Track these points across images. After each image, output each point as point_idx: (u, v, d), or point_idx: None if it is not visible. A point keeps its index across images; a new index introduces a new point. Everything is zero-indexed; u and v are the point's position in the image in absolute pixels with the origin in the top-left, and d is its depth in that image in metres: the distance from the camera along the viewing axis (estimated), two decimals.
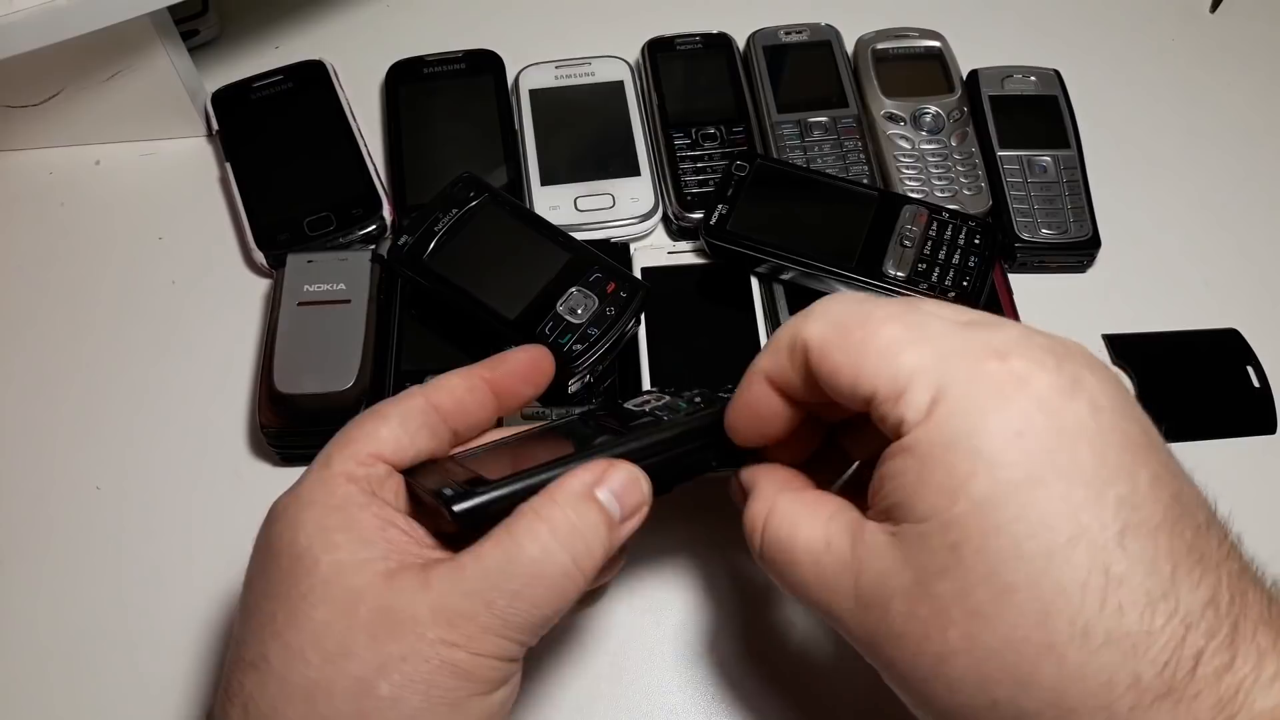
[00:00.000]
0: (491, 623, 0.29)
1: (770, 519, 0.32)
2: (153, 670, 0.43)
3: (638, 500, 0.32)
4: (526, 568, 0.29)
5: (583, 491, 0.31)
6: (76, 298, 0.53)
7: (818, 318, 0.30)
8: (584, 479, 0.31)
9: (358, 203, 0.53)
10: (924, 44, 0.60)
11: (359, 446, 0.32)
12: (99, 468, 0.48)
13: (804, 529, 0.30)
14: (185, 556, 0.45)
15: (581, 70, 0.59)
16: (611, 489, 0.31)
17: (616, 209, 0.54)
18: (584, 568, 0.30)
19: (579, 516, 0.30)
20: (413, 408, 0.34)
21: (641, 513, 0.32)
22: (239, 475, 0.48)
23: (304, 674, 0.29)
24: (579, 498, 0.31)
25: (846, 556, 0.29)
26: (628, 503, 0.32)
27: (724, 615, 0.44)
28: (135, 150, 0.58)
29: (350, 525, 0.31)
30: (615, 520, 0.31)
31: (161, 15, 0.53)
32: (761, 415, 0.33)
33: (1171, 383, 0.51)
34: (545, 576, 0.29)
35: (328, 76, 0.58)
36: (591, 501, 0.31)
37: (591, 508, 0.31)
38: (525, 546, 0.29)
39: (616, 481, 0.32)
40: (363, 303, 0.48)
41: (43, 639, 0.44)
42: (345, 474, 0.32)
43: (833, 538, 0.30)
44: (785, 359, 0.31)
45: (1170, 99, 0.61)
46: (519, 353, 0.38)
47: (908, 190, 0.54)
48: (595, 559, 0.30)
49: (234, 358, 0.51)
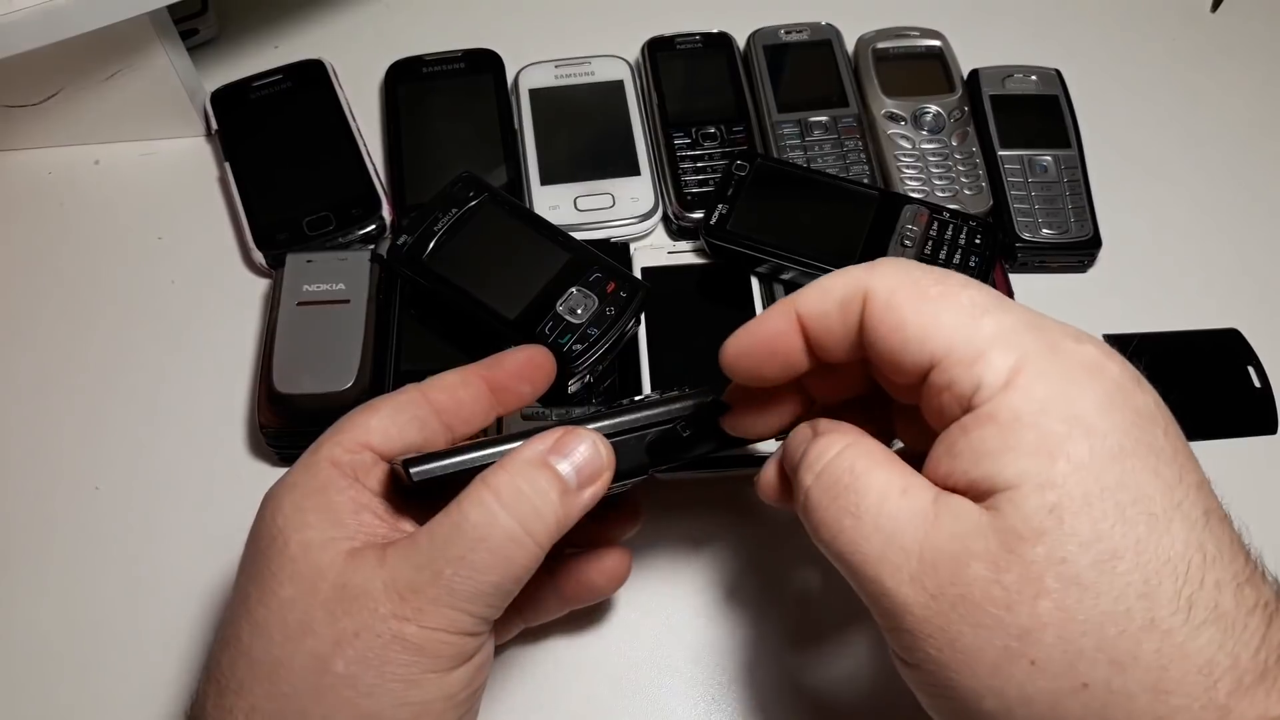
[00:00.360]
0: (439, 594, 0.29)
1: (845, 451, 0.28)
2: (152, 669, 0.43)
3: (595, 465, 0.31)
4: (469, 533, 0.29)
5: (533, 458, 0.30)
6: (76, 298, 0.53)
7: (888, 270, 0.28)
8: (537, 446, 0.31)
9: (357, 202, 0.53)
10: (925, 43, 0.60)
11: (347, 435, 0.33)
12: (98, 468, 0.48)
13: (881, 469, 0.28)
14: (184, 556, 0.45)
15: (581, 70, 0.59)
16: (566, 455, 0.31)
17: (616, 209, 0.54)
18: (533, 533, 0.29)
19: (527, 482, 0.30)
20: (405, 401, 0.34)
21: (602, 479, 0.31)
22: (238, 475, 0.48)
23: (268, 650, 0.29)
24: (529, 464, 0.30)
25: (924, 507, 0.26)
26: (584, 468, 0.31)
27: (730, 622, 0.44)
28: (134, 150, 0.58)
29: (325, 507, 0.31)
30: (570, 486, 0.30)
31: (160, 15, 0.53)
32: (773, 350, 0.30)
33: (1172, 383, 0.50)
34: (489, 541, 0.29)
35: (327, 76, 0.58)
36: (542, 468, 0.30)
37: (541, 474, 0.30)
38: (469, 513, 0.29)
39: (571, 447, 0.31)
40: (362, 303, 0.48)
41: (42, 638, 0.44)
42: (330, 459, 0.32)
43: (911, 486, 0.27)
44: (833, 305, 0.29)
45: (1171, 99, 0.61)
46: (518, 353, 0.38)
47: (908, 190, 0.54)
48: (547, 525, 0.30)
49: (233, 358, 0.51)
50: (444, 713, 0.30)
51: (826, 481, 0.28)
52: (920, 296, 0.27)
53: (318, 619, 0.29)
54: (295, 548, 0.30)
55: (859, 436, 0.29)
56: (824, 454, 0.29)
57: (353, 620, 0.29)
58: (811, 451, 0.29)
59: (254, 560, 0.31)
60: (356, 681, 0.29)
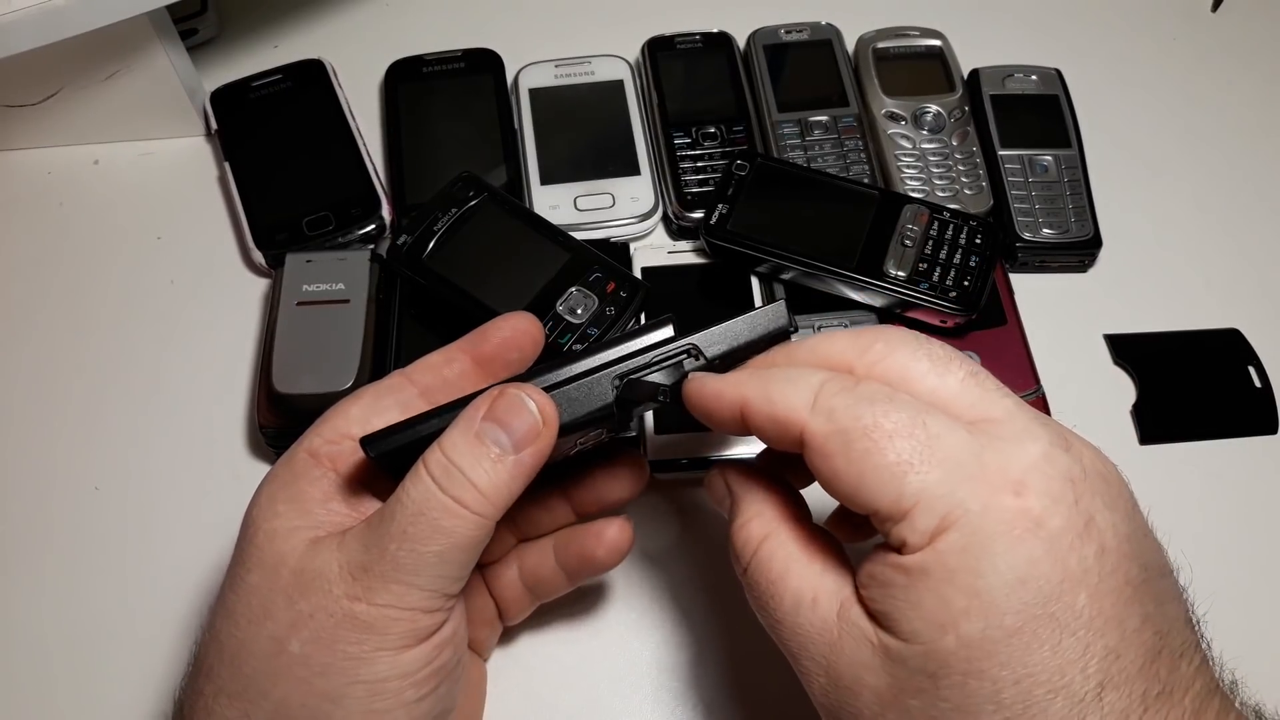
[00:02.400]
0: (386, 569, 0.29)
1: (764, 547, 0.31)
2: (151, 668, 0.43)
3: (528, 424, 0.30)
4: (409, 508, 0.29)
5: (463, 427, 0.30)
6: (75, 297, 0.53)
7: (821, 415, 0.28)
8: (470, 414, 0.30)
9: (357, 202, 0.53)
10: (925, 43, 0.60)
11: (329, 425, 0.33)
12: (98, 468, 0.48)
13: (795, 575, 0.30)
14: (184, 556, 0.45)
15: (581, 69, 0.59)
16: (497, 419, 0.30)
17: (616, 208, 0.54)
18: (466, 500, 0.29)
19: (456, 453, 0.29)
20: (387, 387, 0.34)
21: (541, 439, 0.30)
22: (238, 475, 0.48)
23: (232, 635, 0.31)
24: (461, 433, 0.30)
25: (829, 624, 0.29)
26: (516, 429, 0.30)
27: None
28: (134, 150, 0.58)
29: (295, 497, 0.32)
30: (504, 451, 0.30)
31: (160, 14, 0.53)
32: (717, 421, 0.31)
33: (1172, 383, 0.50)
34: (427, 514, 0.29)
35: (327, 76, 0.58)
36: (471, 438, 0.30)
37: (471, 444, 0.30)
38: (409, 489, 0.30)
39: (503, 409, 0.30)
40: (362, 302, 0.48)
41: (41, 638, 0.44)
42: (308, 449, 0.33)
43: (820, 597, 0.29)
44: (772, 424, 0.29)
45: (1171, 98, 0.61)
46: (502, 324, 0.36)
47: (909, 190, 0.54)
48: (483, 492, 0.29)
49: (233, 358, 0.51)
50: (401, 690, 0.30)
51: (752, 578, 0.31)
52: (849, 449, 0.27)
53: (277, 603, 0.30)
54: (262, 536, 0.31)
55: (775, 520, 0.31)
56: (747, 547, 0.31)
57: (308, 603, 0.30)
58: (739, 537, 0.32)
59: (234, 551, 0.32)
60: (310, 661, 0.29)
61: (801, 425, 0.28)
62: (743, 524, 0.32)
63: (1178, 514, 0.47)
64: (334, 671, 0.29)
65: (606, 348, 0.32)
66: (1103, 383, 0.51)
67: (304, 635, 0.29)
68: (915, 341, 0.30)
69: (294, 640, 0.29)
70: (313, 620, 0.29)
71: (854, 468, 0.27)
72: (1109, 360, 0.51)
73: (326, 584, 0.30)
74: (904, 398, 0.28)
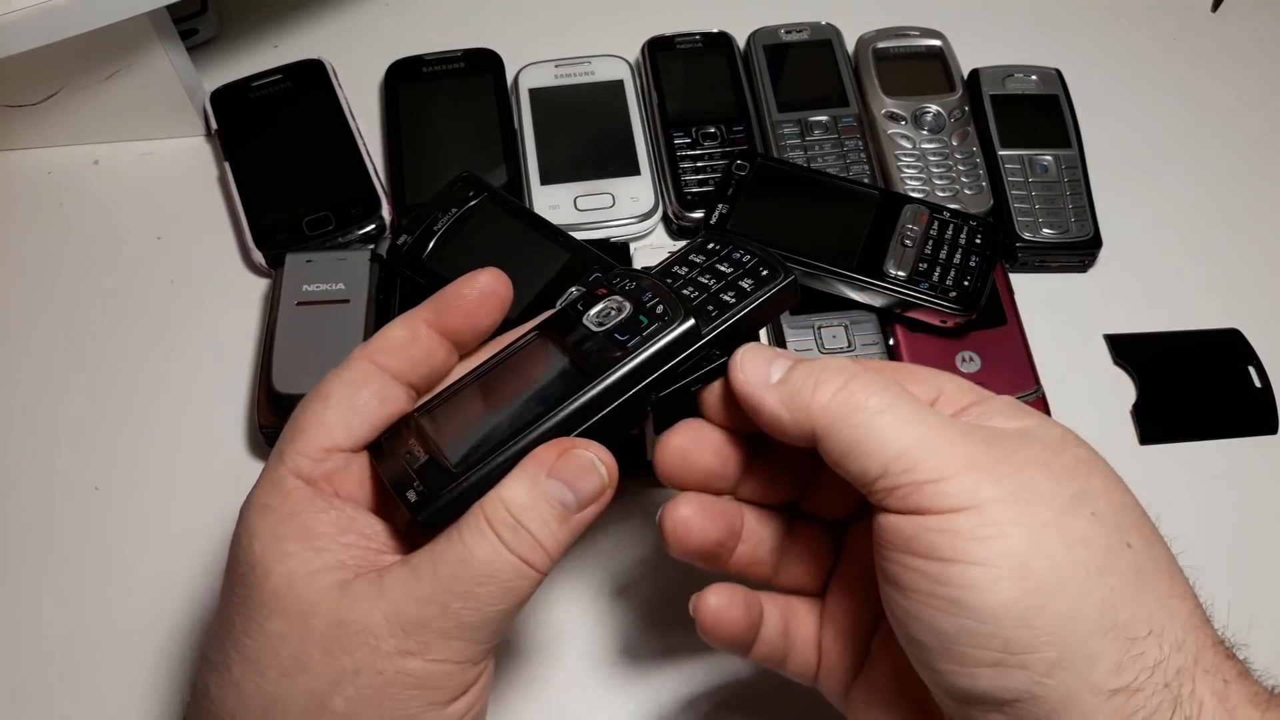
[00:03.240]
0: (447, 626, 0.28)
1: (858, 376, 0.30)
2: (151, 670, 0.43)
3: (595, 486, 0.30)
4: (477, 569, 0.28)
5: (531, 485, 0.29)
6: (75, 297, 0.53)
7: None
8: (533, 471, 0.30)
9: (357, 202, 0.53)
10: (925, 43, 0.60)
11: (308, 439, 0.31)
12: (98, 468, 0.48)
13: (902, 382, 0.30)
14: (184, 556, 0.45)
15: (581, 69, 0.59)
16: (564, 478, 0.30)
17: (616, 208, 0.54)
18: (535, 563, 0.29)
19: (525, 514, 0.29)
20: (357, 379, 0.32)
21: (603, 498, 0.30)
22: (238, 476, 0.48)
23: (261, 686, 0.29)
24: (527, 492, 0.29)
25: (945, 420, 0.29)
26: (583, 491, 0.30)
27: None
28: (134, 150, 0.58)
29: (304, 533, 0.30)
30: (569, 511, 0.30)
31: (160, 14, 0.53)
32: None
33: (1172, 383, 0.50)
34: (497, 576, 0.29)
35: (327, 76, 0.58)
36: (540, 497, 0.29)
37: (540, 503, 0.29)
38: (475, 549, 0.29)
39: (570, 470, 0.30)
40: (362, 302, 0.48)
41: (41, 639, 0.44)
42: (298, 473, 0.31)
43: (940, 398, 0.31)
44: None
45: (1171, 98, 0.61)
46: (464, 285, 0.34)
47: (909, 190, 0.54)
48: (548, 552, 0.29)
49: (233, 358, 0.51)
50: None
51: (867, 377, 0.30)
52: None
53: (314, 657, 0.28)
54: (278, 580, 0.29)
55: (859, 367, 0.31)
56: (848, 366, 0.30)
57: (352, 658, 0.28)
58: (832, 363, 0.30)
59: (235, 587, 0.30)
60: (355, 718, 0.28)
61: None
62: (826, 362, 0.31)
63: (1178, 514, 0.47)
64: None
65: (636, 354, 0.32)
66: (1103, 383, 0.51)
67: (349, 693, 0.28)
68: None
69: (337, 698, 0.28)
70: (358, 677, 0.28)
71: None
72: (1109, 360, 0.51)
73: (372, 639, 0.28)
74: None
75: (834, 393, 0.29)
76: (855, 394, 0.29)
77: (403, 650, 0.28)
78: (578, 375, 0.32)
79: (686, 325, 0.32)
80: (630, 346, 0.31)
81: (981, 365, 0.49)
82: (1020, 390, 0.48)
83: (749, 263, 0.34)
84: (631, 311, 0.33)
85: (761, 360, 0.31)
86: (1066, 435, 0.30)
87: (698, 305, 0.33)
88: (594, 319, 0.33)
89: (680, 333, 0.32)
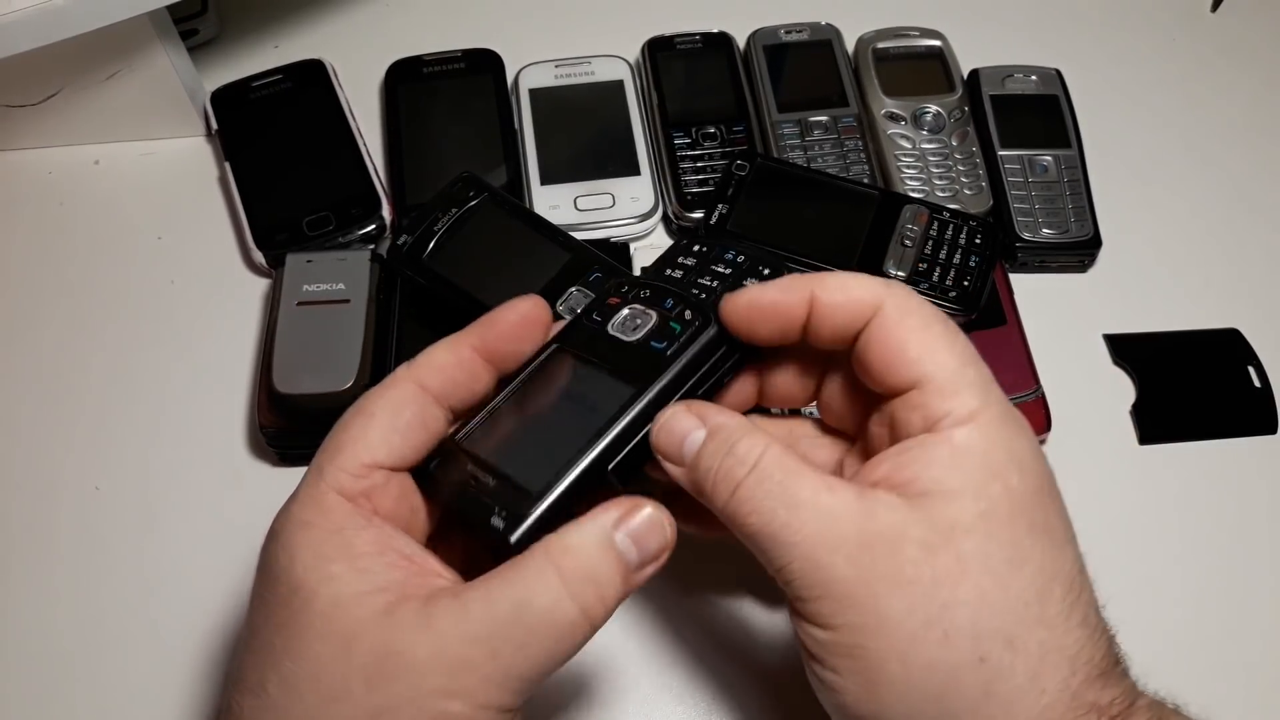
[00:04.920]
0: (494, 672, 0.28)
1: (767, 454, 0.30)
2: (151, 670, 0.43)
3: (659, 545, 0.30)
4: (536, 618, 0.28)
5: (600, 537, 0.29)
6: (75, 297, 0.53)
7: (902, 293, 0.32)
8: (603, 523, 0.29)
9: (357, 202, 0.53)
10: (925, 43, 0.60)
11: (350, 455, 0.31)
12: (99, 468, 0.48)
13: (807, 471, 0.30)
14: (184, 557, 0.45)
15: (581, 69, 0.59)
16: (631, 533, 0.30)
17: (616, 208, 0.54)
18: (593, 618, 0.29)
19: (593, 566, 0.29)
20: (401, 399, 0.32)
21: (662, 559, 0.30)
22: (238, 475, 0.48)
23: (301, 711, 0.28)
24: (596, 544, 0.29)
25: (852, 500, 0.30)
26: (647, 548, 0.30)
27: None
28: (134, 150, 0.58)
29: (347, 552, 0.29)
30: (631, 567, 0.30)
31: (160, 15, 0.53)
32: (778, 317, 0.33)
33: (1172, 383, 0.50)
34: (555, 627, 0.28)
35: (327, 76, 0.58)
36: (609, 550, 0.29)
37: (608, 556, 0.29)
38: (537, 596, 0.28)
39: (638, 526, 0.30)
40: (362, 303, 0.48)
41: (41, 637, 0.44)
42: (339, 489, 0.30)
43: (835, 485, 0.30)
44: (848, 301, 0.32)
45: (1171, 99, 0.61)
46: (508, 311, 0.35)
47: (908, 190, 0.54)
48: (607, 608, 0.29)
49: (233, 358, 0.51)
50: None
51: (760, 477, 0.30)
52: (925, 328, 0.31)
53: (354, 686, 0.28)
54: (323, 603, 0.28)
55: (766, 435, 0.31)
56: (749, 456, 0.31)
57: (392, 692, 0.28)
58: (739, 449, 0.31)
59: (274, 607, 0.29)
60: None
61: (881, 298, 0.31)
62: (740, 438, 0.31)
63: (1177, 514, 0.47)
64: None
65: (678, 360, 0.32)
66: (1102, 383, 0.51)
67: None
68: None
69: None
70: (398, 713, 0.28)
71: (926, 341, 0.31)
72: (1109, 360, 0.51)
73: (416, 675, 0.28)
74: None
75: (728, 498, 0.31)
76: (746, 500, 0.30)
77: (446, 691, 0.28)
78: (623, 385, 0.32)
79: (715, 329, 0.33)
80: (670, 354, 0.32)
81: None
82: (1020, 390, 0.48)
83: (744, 263, 0.35)
84: (659, 320, 0.33)
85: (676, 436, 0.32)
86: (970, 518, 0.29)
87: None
88: (623, 329, 0.34)
89: (711, 336, 0.33)
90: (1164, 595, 0.44)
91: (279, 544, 0.30)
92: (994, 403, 0.31)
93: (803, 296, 0.32)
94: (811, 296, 0.32)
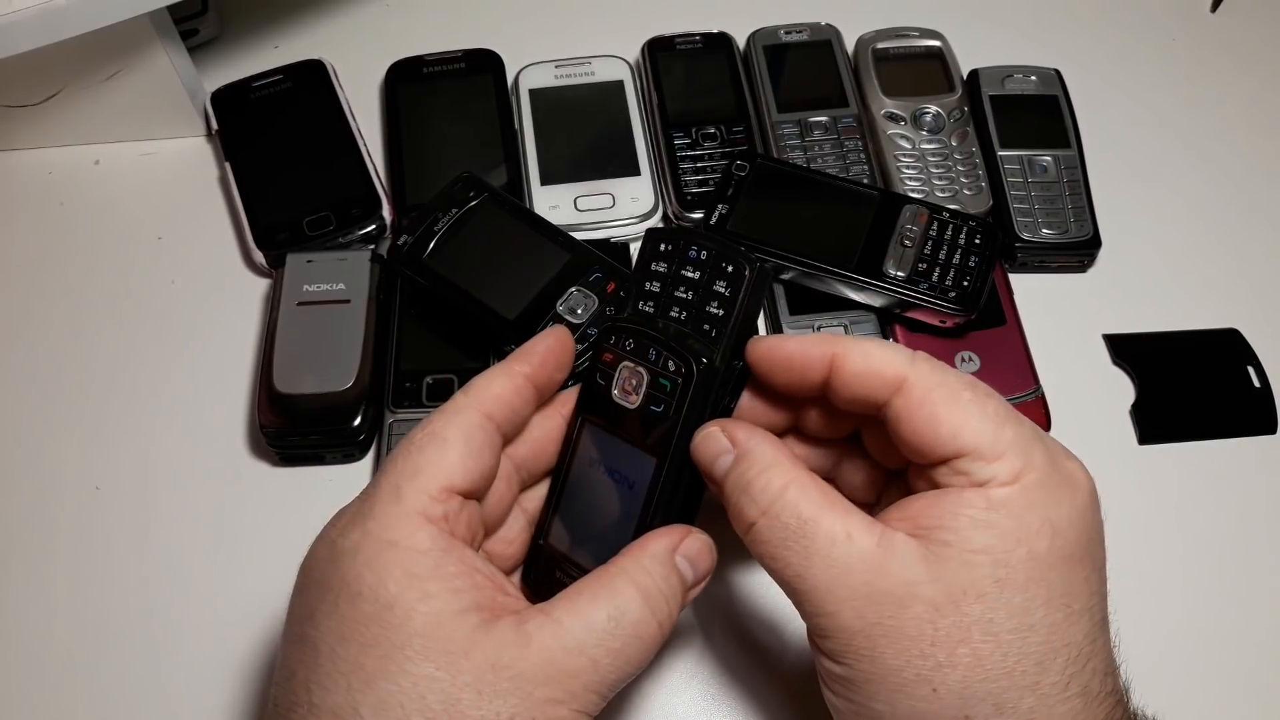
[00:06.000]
0: (594, 681, 0.30)
1: (789, 492, 0.32)
2: (151, 670, 0.43)
3: (708, 566, 0.34)
4: (628, 630, 0.31)
5: (665, 556, 0.33)
6: (76, 298, 0.53)
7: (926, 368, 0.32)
8: (665, 544, 0.33)
9: (357, 202, 0.53)
10: (924, 43, 0.60)
11: (429, 479, 0.32)
12: (99, 468, 0.48)
13: (826, 514, 0.31)
14: (185, 556, 0.45)
15: (581, 70, 0.59)
16: (687, 555, 0.33)
17: (616, 209, 0.54)
18: (665, 630, 0.32)
19: (664, 581, 0.32)
20: (471, 426, 0.33)
21: (706, 580, 0.34)
22: (239, 475, 0.48)
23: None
24: (664, 563, 0.32)
25: (869, 551, 0.30)
26: (700, 568, 0.33)
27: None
28: (135, 150, 0.58)
29: (439, 573, 0.30)
30: (688, 585, 0.33)
31: (161, 15, 0.53)
32: (797, 371, 0.34)
33: (1171, 383, 0.50)
34: (642, 637, 0.31)
35: (327, 76, 0.58)
36: (673, 570, 0.33)
37: (673, 576, 0.32)
38: (627, 611, 0.31)
39: (693, 548, 0.33)
40: (362, 303, 0.48)
41: (42, 639, 0.44)
42: (423, 512, 0.31)
43: (855, 532, 0.31)
44: (869, 372, 0.32)
45: (1170, 99, 0.61)
46: (548, 339, 0.37)
47: (908, 190, 0.54)
48: (674, 621, 0.32)
49: (233, 358, 0.51)
50: None
51: (772, 521, 0.32)
52: (954, 400, 0.31)
53: (465, 699, 0.28)
54: (423, 621, 0.29)
55: (792, 466, 0.32)
56: (767, 492, 0.32)
57: (506, 702, 0.29)
58: (755, 486, 0.32)
59: (358, 626, 0.29)
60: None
61: (904, 374, 0.32)
62: (760, 471, 0.32)
63: (1177, 514, 0.47)
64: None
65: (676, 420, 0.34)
66: (1102, 383, 0.51)
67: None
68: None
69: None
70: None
71: (958, 413, 0.31)
72: (1108, 360, 0.51)
73: (529, 685, 0.29)
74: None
75: (743, 535, 0.33)
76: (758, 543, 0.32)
77: (552, 699, 0.29)
78: (644, 457, 0.35)
79: (700, 368, 0.34)
80: (670, 417, 0.34)
81: (981, 365, 0.49)
82: (1020, 390, 0.48)
83: (709, 260, 0.35)
84: (650, 378, 0.34)
85: (707, 457, 0.34)
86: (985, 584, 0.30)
87: (693, 332, 0.34)
88: (623, 395, 0.35)
89: (700, 378, 0.34)
90: (1164, 595, 0.44)
91: (359, 561, 0.30)
92: (1037, 464, 0.31)
93: (822, 354, 0.33)
94: (832, 359, 0.33)
